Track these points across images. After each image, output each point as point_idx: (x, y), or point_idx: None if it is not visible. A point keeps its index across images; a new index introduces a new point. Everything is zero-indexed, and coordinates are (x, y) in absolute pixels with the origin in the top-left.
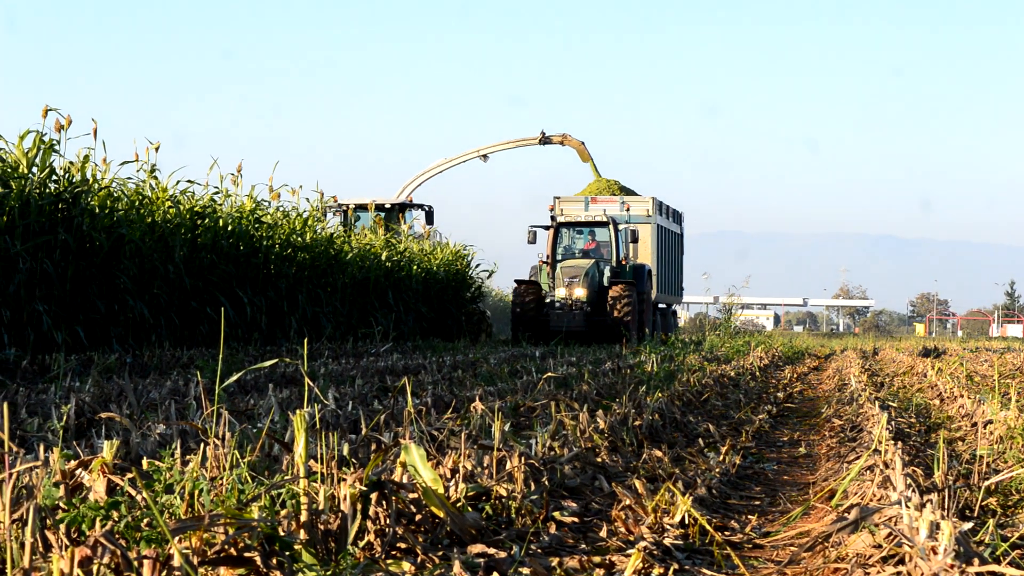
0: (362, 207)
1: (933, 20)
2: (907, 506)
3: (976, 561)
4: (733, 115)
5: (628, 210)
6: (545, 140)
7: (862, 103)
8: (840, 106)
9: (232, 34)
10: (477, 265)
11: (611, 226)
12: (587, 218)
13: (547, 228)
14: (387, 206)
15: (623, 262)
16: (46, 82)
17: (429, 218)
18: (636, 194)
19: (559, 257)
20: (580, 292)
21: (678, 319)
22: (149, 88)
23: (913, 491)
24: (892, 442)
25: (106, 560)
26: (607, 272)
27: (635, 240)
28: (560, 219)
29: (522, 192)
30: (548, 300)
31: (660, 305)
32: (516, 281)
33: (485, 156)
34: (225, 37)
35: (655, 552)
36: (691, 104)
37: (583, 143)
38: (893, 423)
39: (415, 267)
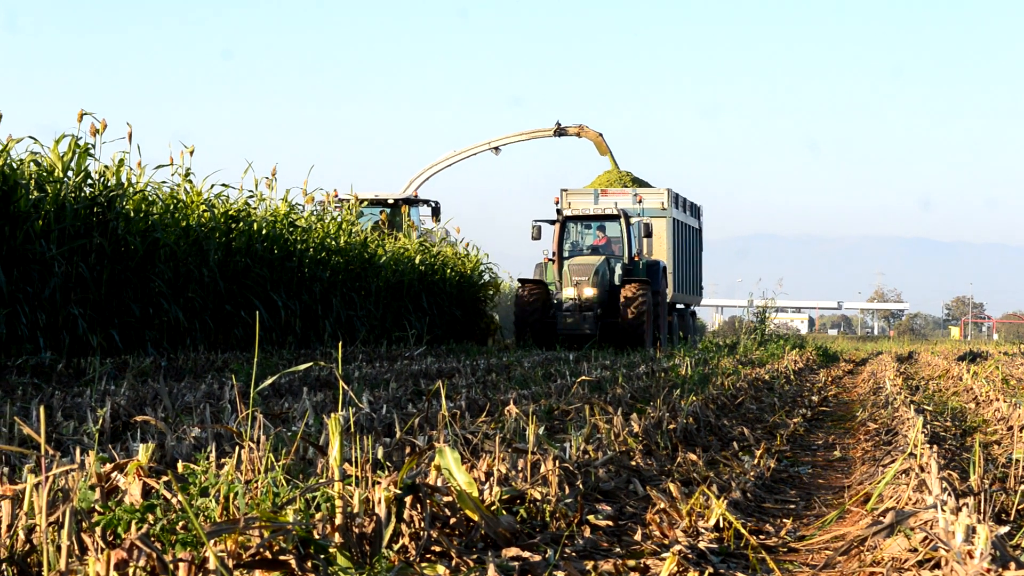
0: (365, 202)
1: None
2: (943, 510)
3: (1013, 565)
4: (760, 116)
5: (641, 203)
6: (560, 132)
7: (893, 106)
8: (872, 107)
9: (231, 33)
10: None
11: (622, 220)
12: (596, 211)
13: (553, 222)
14: (390, 202)
15: (636, 259)
16: (45, 82)
17: (436, 214)
18: (649, 185)
19: (566, 254)
20: (589, 292)
21: (697, 320)
22: (147, 87)
23: (949, 495)
24: (927, 446)
25: (142, 563)
26: (618, 270)
27: (649, 235)
28: (567, 212)
29: (526, 185)
30: (555, 300)
31: (678, 305)
32: (520, 280)
33: (497, 148)
34: (224, 36)
35: (689, 556)
36: (716, 104)
37: (601, 135)
38: (928, 427)
39: (448, 271)
